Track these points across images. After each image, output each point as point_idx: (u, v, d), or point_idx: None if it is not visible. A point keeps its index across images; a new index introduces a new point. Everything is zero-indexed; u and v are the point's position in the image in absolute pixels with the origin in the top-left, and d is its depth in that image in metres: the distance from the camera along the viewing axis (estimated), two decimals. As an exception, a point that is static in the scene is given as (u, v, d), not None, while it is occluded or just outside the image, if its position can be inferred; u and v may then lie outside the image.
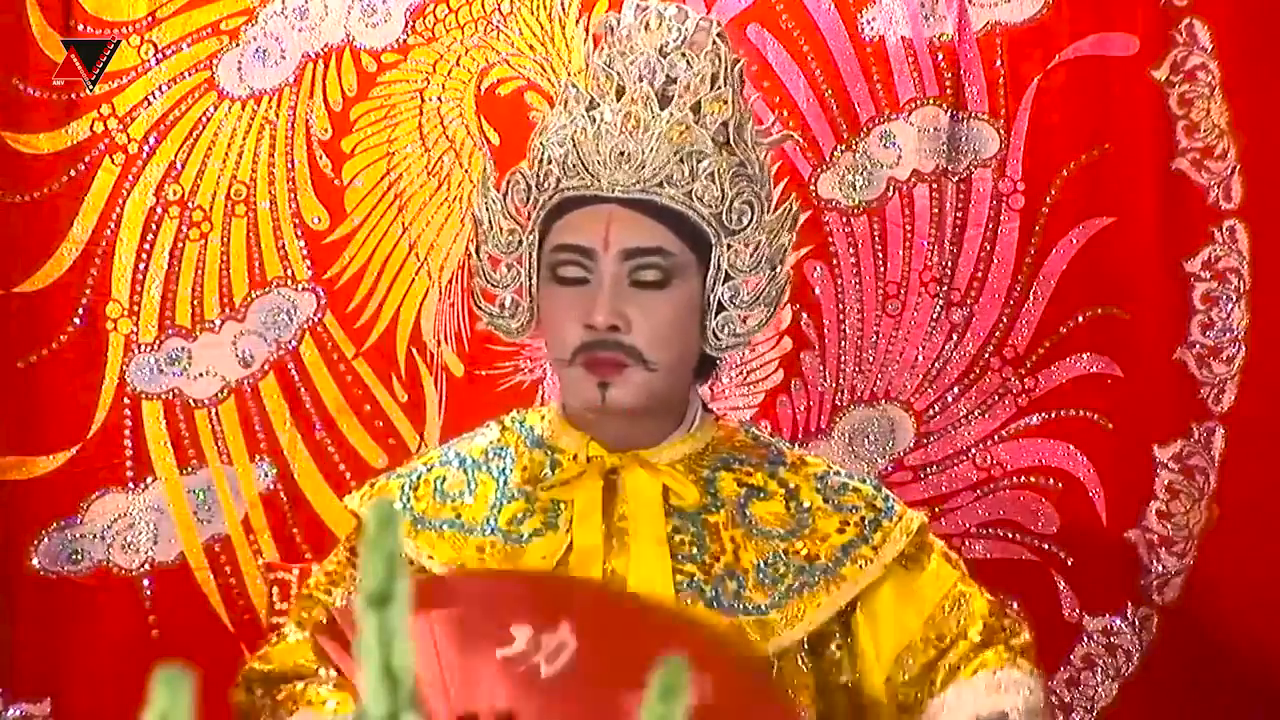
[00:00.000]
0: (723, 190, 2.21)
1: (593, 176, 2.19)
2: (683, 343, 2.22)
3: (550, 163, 2.21)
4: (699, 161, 2.20)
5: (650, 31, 2.23)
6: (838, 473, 2.31)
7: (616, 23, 2.25)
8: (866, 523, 2.24)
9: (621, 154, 2.18)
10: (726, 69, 2.24)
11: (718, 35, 2.25)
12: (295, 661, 2.21)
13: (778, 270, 2.25)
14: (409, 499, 2.25)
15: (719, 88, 2.22)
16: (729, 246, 2.22)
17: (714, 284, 2.22)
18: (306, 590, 2.30)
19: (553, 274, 2.20)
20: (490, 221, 2.26)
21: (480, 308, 2.28)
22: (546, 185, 2.22)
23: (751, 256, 2.23)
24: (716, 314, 2.23)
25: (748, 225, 2.22)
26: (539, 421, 2.30)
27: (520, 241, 2.24)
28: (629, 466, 2.22)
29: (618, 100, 2.20)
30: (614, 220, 2.18)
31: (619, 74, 2.21)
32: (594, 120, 2.20)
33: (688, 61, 2.22)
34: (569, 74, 2.29)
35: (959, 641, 2.21)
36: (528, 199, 2.24)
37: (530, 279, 2.23)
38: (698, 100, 2.21)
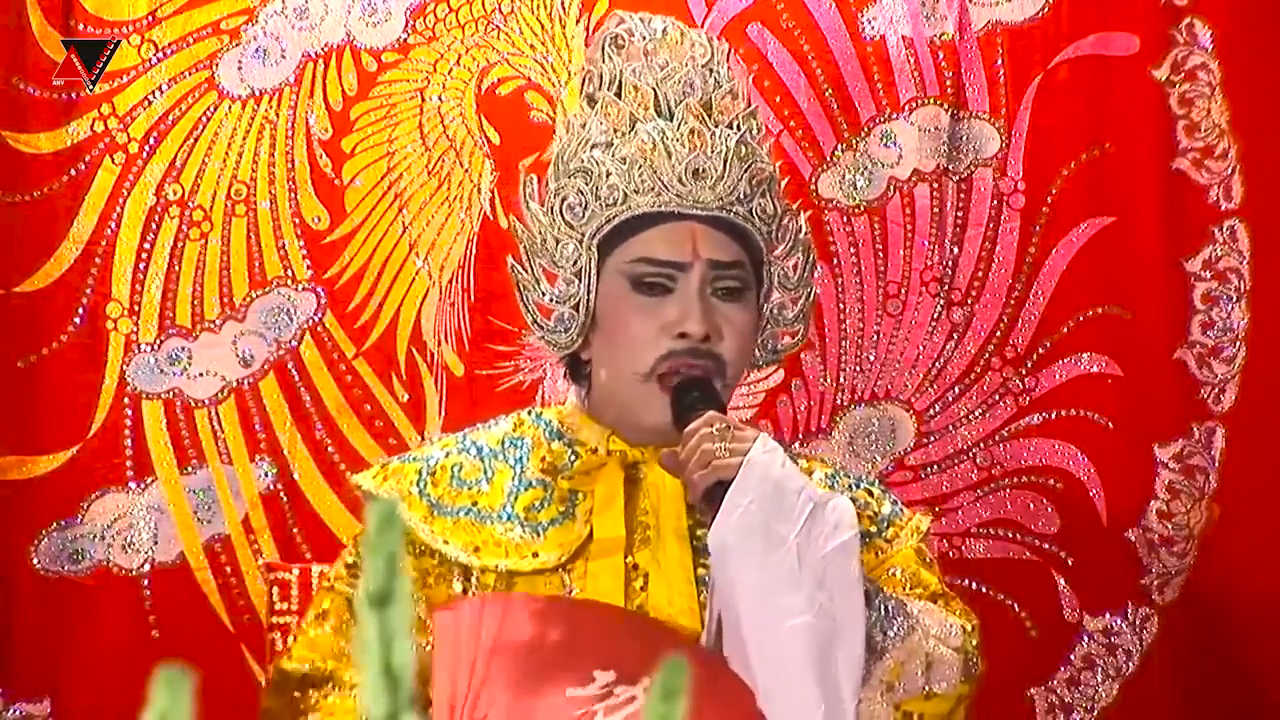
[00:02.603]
0: (775, 206, 2.23)
1: (670, 193, 2.17)
2: (749, 356, 2.24)
3: (610, 177, 2.18)
4: (757, 179, 2.21)
5: (673, 47, 2.22)
6: (846, 474, 2.34)
7: (628, 34, 2.24)
8: (880, 518, 2.26)
9: (696, 171, 2.17)
10: (745, 84, 2.25)
11: (725, 50, 2.27)
12: (324, 664, 2.19)
13: (813, 287, 2.29)
14: (426, 484, 2.24)
15: (749, 104, 2.23)
16: (775, 262, 2.25)
17: (765, 299, 2.25)
18: (327, 583, 2.28)
19: (633, 286, 2.18)
20: (542, 236, 2.23)
21: (536, 324, 2.24)
22: (611, 200, 2.19)
23: (797, 273, 2.26)
24: (765, 329, 2.26)
25: (789, 242, 2.25)
26: (556, 417, 2.29)
27: (580, 256, 2.21)
28: (651, 461, 2.22)
29: (659, 116, 2.19)
30: (698, 235, 2.18)
31: (653, 88, 2.20)
32: (658, 136, 2.18)
33: (716, 78, 2.22)
34: (596, 84, 2.24)
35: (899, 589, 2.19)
36: (584, 214, 2.20)
37: (588, 293, 2.21)
38: (735, 116, 2.22)
